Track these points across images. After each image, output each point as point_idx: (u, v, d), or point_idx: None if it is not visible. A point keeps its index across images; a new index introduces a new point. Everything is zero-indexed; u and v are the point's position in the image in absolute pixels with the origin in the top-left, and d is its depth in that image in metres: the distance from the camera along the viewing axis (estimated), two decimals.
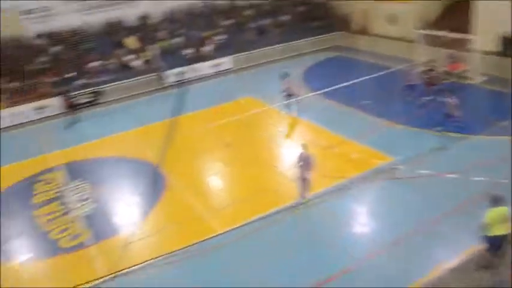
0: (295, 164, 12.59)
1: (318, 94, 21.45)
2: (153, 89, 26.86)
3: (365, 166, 14.46)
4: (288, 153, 16.77)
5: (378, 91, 21.64)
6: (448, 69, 22.32)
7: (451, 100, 15.85)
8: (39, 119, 23.95)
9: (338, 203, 12.05)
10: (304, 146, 12.79)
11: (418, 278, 9.46)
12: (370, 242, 10.29)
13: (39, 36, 27.60)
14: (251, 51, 29.95)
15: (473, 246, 9.95)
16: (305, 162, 12.34)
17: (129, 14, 30.27)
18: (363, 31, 32.70)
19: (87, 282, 6.02)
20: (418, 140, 15.89)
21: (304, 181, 12.41)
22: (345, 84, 19.59)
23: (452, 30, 24.11)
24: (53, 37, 27.67)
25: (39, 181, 16.44)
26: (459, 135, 15.55)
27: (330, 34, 32.69)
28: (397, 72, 22.79)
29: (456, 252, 10.01)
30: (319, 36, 32.19)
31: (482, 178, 12.48)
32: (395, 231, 10.62)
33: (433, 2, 29.10)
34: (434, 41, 23.93)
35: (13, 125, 23.45)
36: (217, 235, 11.34)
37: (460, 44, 22.83)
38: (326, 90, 20.47)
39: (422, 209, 11.62)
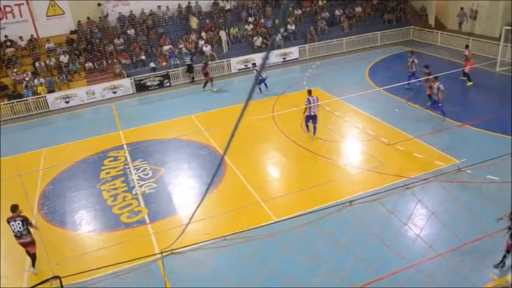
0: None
1: (384, 89, 20.84)
2: (222, 74, 27.32)
3: (428, 167, 13.94)
4: (351, 146, 16.56)
5: (449, 90, 20.67)
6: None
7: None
8: (112, 98, 25.12)
9: (397, 202, 11.66)
10: (310, 92, 16.54)
11: None
12: (426, 247, 9.91)
13: (118, 19, 28.75)
14: (320, 42, 29.57)
15: None
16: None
17: None
18: (440, 26, 31.40)
19: (142, 257, 6.33)
20: (488, 144, 15.05)
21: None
22: (413, 80, 18.87)
23: None
24: (130, 20, 28.73)
25: (108, 157, 17.29)
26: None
27: (404, 28, 31.62)
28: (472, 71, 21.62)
29: None
30: (392, 30, 31.22)
31: None
32: (455, 238, 10.14)
33: None
34: None
35: (88, 103, 24.81)
36: (268, 224, 11.42)
37: None
38: (393, 85, 19.84)
39: (487, 218, 10.98)
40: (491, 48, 24.62)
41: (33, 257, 11.10)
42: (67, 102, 24.58)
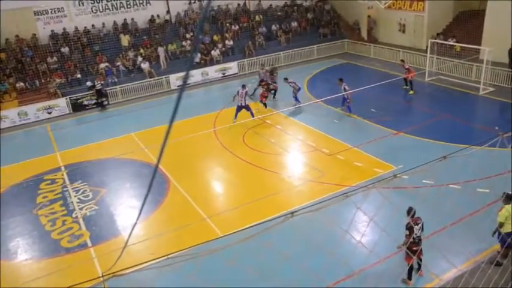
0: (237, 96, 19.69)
1: (322, 101, 21.43)
2: (161, 91, 27.01)
3: (367, 174, 14.43)
4: (294, 158, 16.84)
5: (383, 99, 21.63)
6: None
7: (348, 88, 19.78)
8: (47, 119, 24.13)
9: (338, 211, 12.00)
10: (244, 86, 19.90)
11: None
12: (368, 253, 10.24)
13: (51, 36, 27.81)
14: (258, 57, 30.01)
15: (474, 259, 9.89)
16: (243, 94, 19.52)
17: (139, 16, 30.42)
18: (372, 39, 32.83)
19: (82, 283, 6.06)
20: (422, 150, 15.83)
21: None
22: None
23: (462, 40, 24.32)
24: (63, 38, 27.86)
25: (44, 180, 16.55)
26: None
27: (338, 41, 32.80)
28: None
29: (455, 266, 9.90)
30: (328, 43, 32.27)
31: (486, 190, 12.37)
32: (395, 241, 10.55)
33: (444, 12, 29.22)
34: (444, 51, 24.12)
35: (21, 124, 23.68)
36: (213, 240, 11.35)
37: (469, 54, 22.98)
38: (330, 97, 20.46)
39: (424, 220, 11.49)
40: (419, 59, 26.03)
41: None
42: None
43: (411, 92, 22.11)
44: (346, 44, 32.92)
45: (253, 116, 19.87)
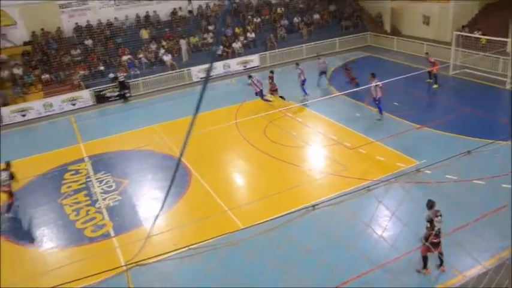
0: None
1: (344, 94, 21.26)
2: (183, 84, 27.18)
3: (390, 169, 14.29)
4: (315, 151, 16.79)
5: (406, 93, 21.36)
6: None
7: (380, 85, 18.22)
8: (71, 111, 24.53)
9: (360, 205, 11.91)
10: (250, 76, 21.62)
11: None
12: (389, 247, 10.16)
13: (75, 29, 28.20)
14: (280, 49, 29.91)
15: (499, 256, 9.75)
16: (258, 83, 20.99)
17: (161, 8, 30.61)
18: (395, 32, 32.37)
19: (105, 271, 6.17)
20: (445, 144, 15.57)
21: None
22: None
23: (489, 33, 23.78)
24: (87, 31, 28.23)
25: (69, 171, 16.87)
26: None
27: (361, 34, 32.44)
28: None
29: (479, 262, 9.75)
30: (350, 36, 31.96)
31: (511, 186, 12.13)
32: (416, 236, 10.45)
33: (469, 4, 28.64)
34: (469, 43, 23.66)
35: (46, 116, 24.15)
36: (234, 231, 11.41)
37: (495, 47, 22.49)
38: (352, 90, 20.28)
39: (446, 215, 11.34)
40: (443, 52, 25.53)
41: (9, 205, 14.09)
42: (23, 116, 23.84)
43: (435, 86, 21.82)
44: (368, 37, 32.55)
45: (266, 100, 21.32)
